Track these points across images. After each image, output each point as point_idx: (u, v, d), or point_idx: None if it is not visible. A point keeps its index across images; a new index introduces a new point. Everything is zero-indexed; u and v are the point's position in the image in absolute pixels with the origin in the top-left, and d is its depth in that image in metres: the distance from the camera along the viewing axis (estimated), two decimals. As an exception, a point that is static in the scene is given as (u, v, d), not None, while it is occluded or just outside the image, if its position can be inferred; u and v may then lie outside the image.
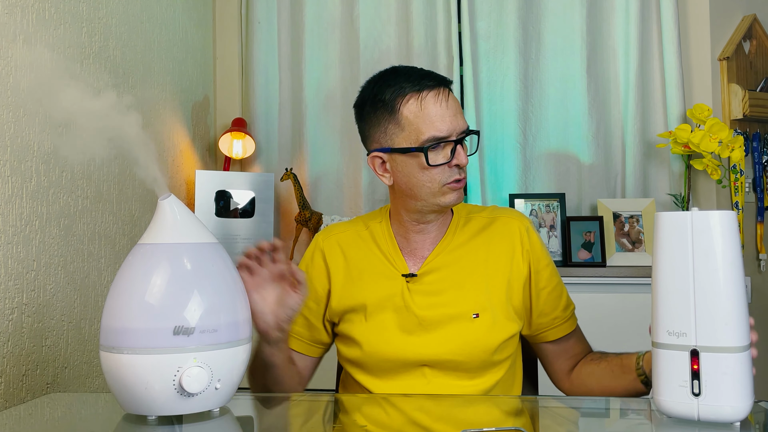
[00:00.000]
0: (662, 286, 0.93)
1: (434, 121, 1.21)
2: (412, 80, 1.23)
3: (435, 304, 1.27)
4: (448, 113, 1.22)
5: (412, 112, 1.22)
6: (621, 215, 2.39)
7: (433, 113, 1.21)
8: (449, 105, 1.23)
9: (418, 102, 1.22)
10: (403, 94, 1.22)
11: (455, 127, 1.22)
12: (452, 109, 1.23)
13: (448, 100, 1.23)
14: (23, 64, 1.51)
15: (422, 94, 1.22)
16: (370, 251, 1.33)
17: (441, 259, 1.30)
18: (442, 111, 1.22)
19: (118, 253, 1.90)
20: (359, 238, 1.35)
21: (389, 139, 1.24)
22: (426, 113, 1.21)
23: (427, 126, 1.21)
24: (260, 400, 1.23)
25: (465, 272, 1.29)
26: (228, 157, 2.60)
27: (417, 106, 1.22)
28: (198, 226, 1.02)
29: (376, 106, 1.25)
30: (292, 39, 2.66)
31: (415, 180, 1.23)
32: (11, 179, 1.47)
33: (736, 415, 0.90)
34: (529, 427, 0.98)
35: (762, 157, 2.57)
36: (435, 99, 1.22)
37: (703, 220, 0.91)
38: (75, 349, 1.69)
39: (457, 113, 1.24)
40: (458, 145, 1.22)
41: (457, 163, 1.22)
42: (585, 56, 2.50)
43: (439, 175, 1.22)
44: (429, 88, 1.22)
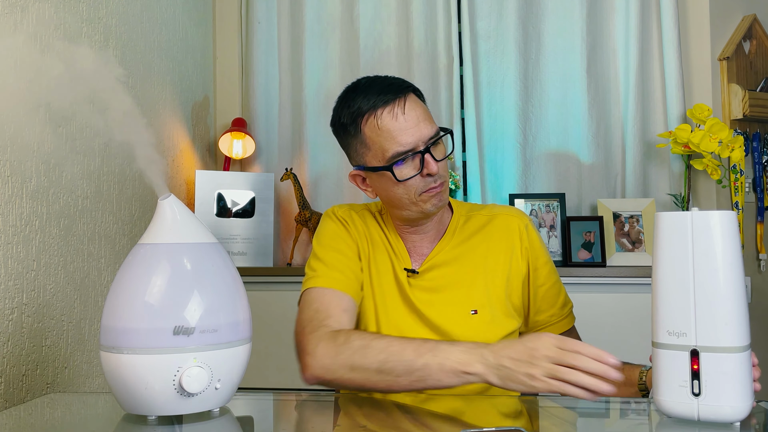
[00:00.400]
0: (662, 286, 0.94)
1: (395, 137, 1.19)
2: (369, 97, 1.21)
3: (434, 301, 1.29)
4: (407, 125, 1.19)
5: (373, 131, 1.21)
6: (621, 215, 2.39)
7: (393, 129, 1.19)
8: (407, 117, 1.20)
9: (374, 121, 1.20)
10: (361, 114, 1.21)
11: (419, 137, 1.20)
12: (411, 120, 1.20)
13: (405, 113, 1.20)
14: (23, 64, 1.51)
15: (377, 112, 1.20)
16: (380, 238, 1.34)
17: (441, 257, 1.32)
18: (401, 125, 1.19)
19: (118, 253, 1.90)
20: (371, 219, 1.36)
21: (360, 158, 1.26)
22: (385, 131, 1.20)
23: (389, 143, 1.19)
24: (260, 400, 1.23)
25: (464, 270, 1.30)
26: (228, 157, 2.60)
27: (375, 124, 1.20)
28: (198, 226, 1.03)
29: (341, 128, 1.27)
30: (292, 39, 2.66)
31: (393, 194, 1.25)
32: (11, 179, 1.47)
33: (736, 415, 0.90)
34: (529, 427, 0.98)
35: (762, 157, 2.57)
36: (391, 115, 1.20)
37: (703, 220, 0.91)
38: (75, 349, 1.69)
39: (420, 121, 1.21)
40: (426, 155, 1.20)
41: (428, 172, 1.21)
42: (585, 56, 2.50)
43: (414, 186, 1.22)
44: (383, 104, 1.20)
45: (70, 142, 1.69)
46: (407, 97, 1.22)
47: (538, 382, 0.99)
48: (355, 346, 1.09)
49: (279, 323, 2.26)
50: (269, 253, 2.48)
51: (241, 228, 2.47)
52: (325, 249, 1.30)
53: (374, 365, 1.07)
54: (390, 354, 1.07)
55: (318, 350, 1.12)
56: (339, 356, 1.10)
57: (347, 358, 1.09)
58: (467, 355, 1.04)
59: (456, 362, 1.04)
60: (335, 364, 1.10)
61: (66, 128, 1.68)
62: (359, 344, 1.09)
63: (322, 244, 1.32)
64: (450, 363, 1.04)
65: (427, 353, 1.05)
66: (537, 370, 0.99)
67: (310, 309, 1.21)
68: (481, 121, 2.56)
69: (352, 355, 1.09)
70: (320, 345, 1.12)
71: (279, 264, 2.61)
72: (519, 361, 1.01)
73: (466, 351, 1.05)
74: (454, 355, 1.04)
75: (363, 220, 1.35)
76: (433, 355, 1.05)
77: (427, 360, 1.05)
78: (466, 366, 1.03)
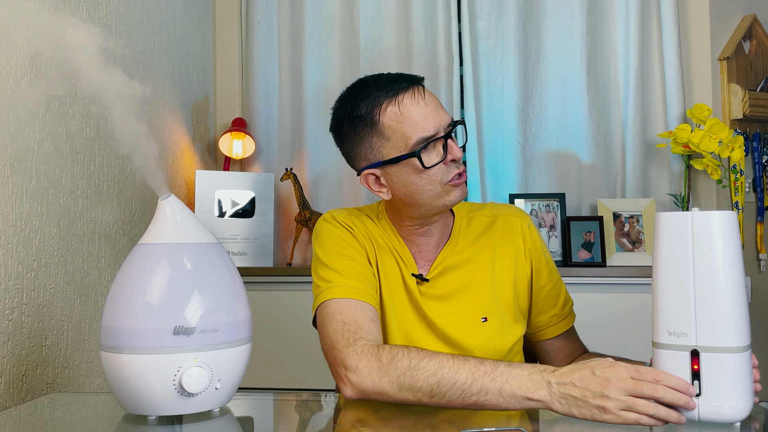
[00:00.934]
0: (662, 286, 0.93)
1: (418, 122, 1.16)
2: (384, 87, 1.19)
3: (445, 310, 1.26)
4: (429, 111, 1.17)
5: (393, 120, 1.17)
6: (621, 215, 2.39)
7: (415, 114, 1.17)
8: (428, 102, 1.18)
9: (396, 107, 1.17)
10: (379, 104, 1.18)
11: (440, 123, 1.18)
12: (432, 105, 1.18)
13: (425, 98, 1.18)
14: (23, 64, 1.51)
15: (398, 98, 1.17)
16: (385, 240, 1.29)
17: (450, 262, 1.28)
18: (423, 110, 1.17)
19: (118, 253, 1.90)
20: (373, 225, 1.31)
21: (377, 152, 1.20)
22: (408, 117, 1.17)
23: (413, 129, 1.16)
24: (260, 400, 1.23)
25: (472, 275, 1.28)
26: (228, 157, 2.60)
27: (396, 111, 1.17)
28: (198, 226, 1.02)
29: (354, 123, 1.21)
30: (292, 39, 2.66)
31: (415, 187, 1.19)
32: (11, 179, 1.47)
33: (737, 416, 0.90)
34: (529, 427, 0.98)
35: (762, 157, 2.57)
36: (412, 100, 1.17)
37: (704, 220, 0.91)
38: (75, 349, 1.68)
39: (438, 108, 1.19)
40: (448, 140, 1.18)
41: (453, 158, 1.18)
42: (585, 56, 2.50)
43: (439, 174, 1.18)
44: (403, 90, 1.18)
45: (70, 142, 1.69)
46: (423, 84, 1.21)
47: (610, 415, 0.93)
48: (403, 366, 1.04)
49: (279, 323, 2.26)
50: (269, 253, 2.48)
51: (241, 228, 2.47)
52: (334, 257, 1.23)
53: (426, 388, 1.02)
54: (443, 377, 1.01)
55: (361, 367, 1.06)
56: (386, 376, 1.04)
57: (396, 379, 1.04)
58: (529, 381, 0.99)
59: (517, 388, 0.99)
60: (382, 383, 1.04)
61: (66, 128, 1.68)
62: (407, 364, 1.04)
63: (328, 251, 1.24)
64: (510, 388, 0.99)
65: (484, 377, 1.01)
66: (611, 403, 0.93)
67: (336, 322, 1.14)
68: (481, 121, 2.56)
69: (401, 376, 1.03)
70: (363, 361, 1.06)
71: (279, 264, 2.61)
72: (589, 391, 0.95)
73: (527, 376, 1.00)
74: (515, 380, 0.99)
75: (364, 224, 1.29)
76: (491, 379, 1.00)
77: (485, 384, 1.00)
78: (529, 392, 0.98)
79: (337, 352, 1.09)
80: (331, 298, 1.17)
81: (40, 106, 1.56)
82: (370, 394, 1.05)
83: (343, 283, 1.19)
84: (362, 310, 1.16)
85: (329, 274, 1.21)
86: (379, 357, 1.06)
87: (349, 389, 1.06)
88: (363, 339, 1.10)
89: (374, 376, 1.04)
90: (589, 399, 0.95)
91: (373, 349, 1.07)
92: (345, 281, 1.19)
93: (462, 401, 1.01)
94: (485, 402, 1.00)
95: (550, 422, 1.00)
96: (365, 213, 1.33)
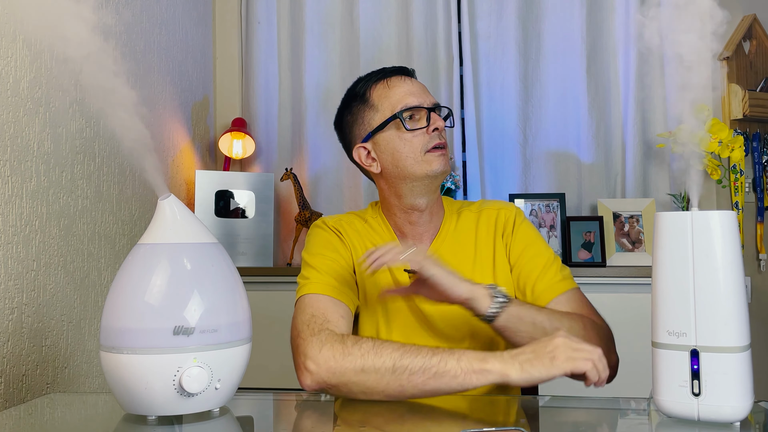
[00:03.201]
0: (662, 286, 0.94)
1: (403, 96, 1.29)
2: (378, 72, 1.33)
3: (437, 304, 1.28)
4: (414, 88, 1.30)
5: (381, 94, 1.30)
6: (621, 215, 2.39)
7: (401, 90, 1.29)
8: (414, 83, 1.31)
9: (385, 84, 1.31)
10: (371, 82, 1.32)
11: (425, 100, 1.29)
12: (418, 86, 1.31)
13: (413, 81, 1.32)
14: (23, 65, 1.51)
15: (387, 78, 1.32)
16: (374, 241, 1.33)
17: (438, 256, 1.30)
18: (409, 87, 1.30)
19: (118, 253, 1.90)
20: (362, 226, 1.36)
21: (367, 125, 1.31)
22: (394, 91, 1.30)
23: (398, 99, 1.28)
24: (260, 400, 1.23)
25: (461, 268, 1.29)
26: (228, 157, 2.60)
27: (385, 86, 1.31)
28: (198, 226, 1.02)
29: (351, 103, 1.34)
30: (292, 39, 2.66)
31: (398, 154, 1.27)
32: (11, 179, 1.47)
33: (736, 415, 0.90)
34: (529, 427, 0.98)
35: (762, 157, 2.57)
36: (400, 80, 1.31)
37: (703, 220, 0.91)
38: (75, 349, 1.69)
39: (425, 90, 1.32)
40: (432, 112, 1.28)
41: (435, 126, 1.27)
42: (585, 56, 2.50)
43: (419, 141, 1.26)
44: (393, 73, 1.32)
45: (70, 142, 1.69)
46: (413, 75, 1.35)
47: (559, 361, 1.00)
48: (367, 346, 1.07)
49: (279, 323, 2.26)
50: (269, 253, 2.48)
51: (241, 228, 2.47)
52: (316, 257, 1.28)
53: (388, 363, 1.05)
54: (405, 352, 1.05)
55: (322, 353, 1.08)
56: (347, 357, 1.06)
57: (357, 359, 1.06)
58: (484, 355, 1.03)
59: (473, 358, 1.03)
60: (342, 367, 1.06)
61: (66, 128, 1.68)
62: (371, 345, 1.07)
63: (312, 252, 1.30)
64: (467, 359, 1.03)
65: (442, 353, 1.05)
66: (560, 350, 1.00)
67: (305, 314, 1.18)
68: (481, 121, 2.56)
69: (364, 355, 1.06)
70: (325, 348, 1.08)
71: (279, 264, 2.61)
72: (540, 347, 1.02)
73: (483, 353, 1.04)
74: (472, 354, 1.04)
75: (354, 227, 1.34)
76: (449, 353, 1.04)
77: (443, 356, 1.04)
78: (484, 362, 1.02)
79: (301, 341, 1.12)
80: (306, 293, 1.22)
81: (40, 106, 1.56)
82: (330, 380, 1.07)
83: (319, 280, 1.23)
84: (334, 306, 1.20)
85: (309, 271, 1.26)
86: (344, 341, 1.09)
87: (308, 377, 1.08)
88: (328, 330, 1.12)
89: (334, 362, 1.06)
90: (540, 353, 1.01)
91: (338, 336, 1.11)
92: (321, 278, 1.24)
93: (423, 377, 1.03)
94: (444, 374, 1.02)
95: (550, 422, 1.00)
96: (358, 216, 1.39)
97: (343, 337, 1.11)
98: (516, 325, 1.14)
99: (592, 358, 1.00)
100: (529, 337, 1.13)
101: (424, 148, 1.26)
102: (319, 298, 1.21)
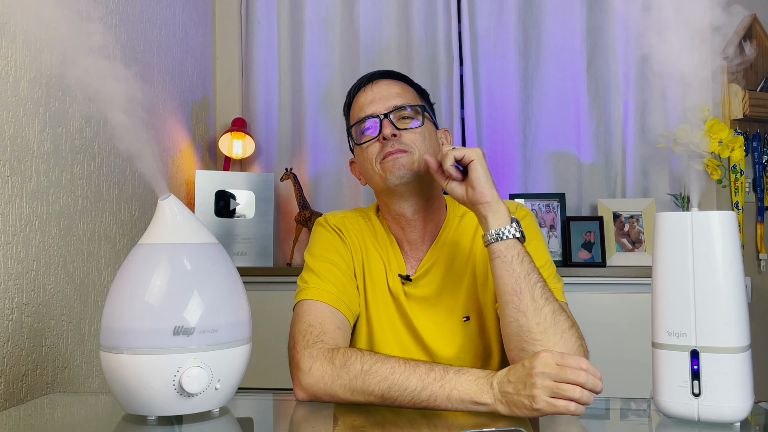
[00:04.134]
0: (662, 286, 0.93)
1: (360, 108, 1.29)
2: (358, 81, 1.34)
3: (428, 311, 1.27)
4: (375, 98, 1.28)
5: (353, 106, 1.33)
6: (621, 215, 2.39)
7: (360, 101, 1.30)
8: (375, 91, 1.29)
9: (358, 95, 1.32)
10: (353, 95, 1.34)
11: (378, 108, 1.27)
12: (380, 93, 1.29)
13: (374, 89, 1.30)
14: (23, 64, 1.51)
15: (360, 91, 1.32)
16: (376, 242, 1.33)
17: (434, 261, 1.29)
18: (368, 97, 1.29)
19: (118, 253, 1.90)
20: (366, 225, 1.35)
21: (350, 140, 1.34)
22: (357, 103, 1.31)
23: (355, 113, 1.30)
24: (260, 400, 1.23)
25: (455, 274, 1.28)
26: (228, 157, 2.60)
27: (356, 99, 1.32)
28: (198, 226, 1.02)
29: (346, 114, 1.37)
30: (292, 39, 2.66)
31: (363, 168, 1.30)
32: (11, 179, 1.47)
33: (736, 416, 0.90)
34: (529, 427, 0.98)
35: (762, 157, 2.57)
36: (365, 90, 1.31)
37: (704, 220, 0.91)
38: (75, 349, 1.69)
39: (392, 96, 1.27)
40: (384, 119, 1.25)
41: (383, 135, 1.24)
42: (585, 56, 2.50)
43: (372, 152, 1.26)
44: (366, 81, 1.32)
45: (70, 142, 1.69)
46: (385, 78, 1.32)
47: (541, 403, 0.94)
48: (355, 370, 1.06)
49: (279, 323, 2.26)
50: (269, 253, 2.48)
51: (241, 228, 2.47)
52: (317, 260, 1.28)
53: (377, 392, 1.05)
54: (393, 383, 1.04)
55: (314, 369, 1.09)
56: (338, 379, 1.07)
57: (347, 383, 1.06)
58: (476, 386, 1.01)
59: (464, 393, 1.01)
60: (333, 386, 1.08)
61: (66, 128, 1.67)
62: (359, 369, 1.06)
63: (314, 254, 1.29)
64: (458, 394, 1.01)
65: (433, 383, 1.02)
66: (538, 392, 0.95)
67: (303, 322, 1.18)
68: (481, 121, 2.56)
69: (352, 380, 1.06)
70: (316, 364, 1.09)
71: (279, 264, 2.61)
72: (519, 383, 0.97)
73: (474, 381, 1.02)
74: (462, 385, 1.01)
75: (356, 226, 1.34)
76: (440, 386, 1.02)
77: (434, 390, 1.02)
78: (475, 397, 1.00)
79: (295, 352, 1.14)
80: (305, 299, 1.22)
81: (40, 106, 1.56)
82: (322, 397, 1.09)
83: (319, 286, 1.23)
84: (331, 316, 1.20)
85: (309, 275, 1.26)
86: (333, 360, 1.09)
87: (300, 392, 1.11)
88: (323, 343, 1.13)
89: (326, 380, 1.08)
90: (520, 392, 0.96)
91: (328, 352, 1.11)
92: (321, 284, 1.23)
93: (412, 405, 1.04)
94: (435, 407, 1.03)
95: (550, 423, 1.00)
96: (362, 213, 1.38)
97: (334, 353, 1.10)
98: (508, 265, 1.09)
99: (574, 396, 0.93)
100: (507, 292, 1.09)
101: (377, 158, 1.25)
102: (317, 305, 1.20)
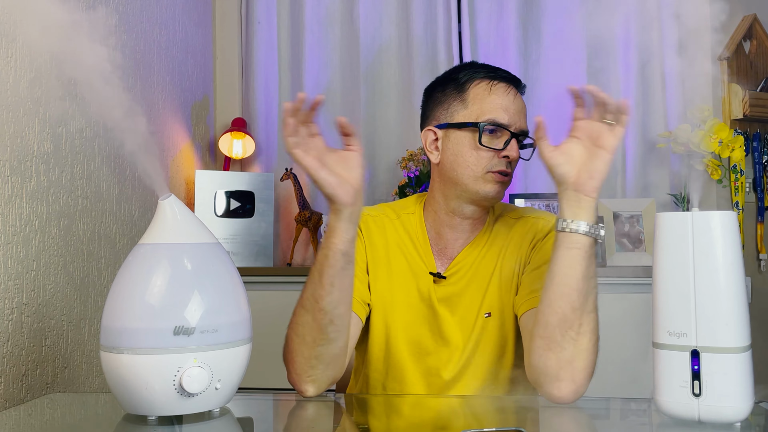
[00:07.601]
0: (662, 286, 0.93)
1: (498, 108, 1.23)
2: (488, 69, 1.27)
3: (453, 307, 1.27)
4: (512, 107, 1.24)
5: (479, 94, 1.24)
6: (621, 215, 2.39)
7: (499, 101, 1.24)
8: (515, 102, 1.25)
9: (488, 86, 1.24)
10: (477, 77, 1.25)
11: (516, 122, 1.24)
12: (517, 105, 1.25)
13: (515, 98, 1.25)
14: (23, 64, 1.51)
15: (494, 82, 1.25)
16: (401, 240, 1.30)
17: (467, 260, 1.28)
18: (508, 102, 1.24)
19: (118, 253, 1.90)
20: (390, 224, 1.32)
21: (450, 115, 1.26)
22: (492, 98, 1.24)
23: (490, 109, 1.23)
24: (260, 400, 1.23)
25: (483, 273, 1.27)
26: (228, 157, 2.60)
27: (486, 89, 1.24)
28: (198, 226, 1.02)
29: (447, 84, 1.28)
30: (292, 39, 2.66)
31: (462, 159, 1.23)
32: (11, 179, 1.47)
33: (737, 416, 0.90)
34: (529, 427, 0.98)
35: (762, 157, 2.57)
36: (505, 90, 1.25)
37: (704, 220, 0.91)
38: (75, 349, 1.68)
39: (522, 114, 1.26)
40: (513, 139, 1.23)
41: (507, 154, 1.22)
42: (585, 56, 2.50)
43: (486, 159, 1.22)
44: (502, 79, 1.25)
45: (69, 142, 1.69)
46: (521, 90, 1.28)
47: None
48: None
49: (279, 323, 2.26)
50: (269, 253, 2.48)
51: (241, 228, 2.47)
52: None
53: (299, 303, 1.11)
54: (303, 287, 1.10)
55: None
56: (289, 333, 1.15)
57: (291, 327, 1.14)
58: None
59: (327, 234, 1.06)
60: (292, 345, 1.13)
61: (66, 128, 1.67)
62: None
63: None
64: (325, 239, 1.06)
65: None
66: None
67: None
68: (481, 121, 2.56)
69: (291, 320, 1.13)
70: None
71: (279, 264, 2.61)
72: None
73: None
74: None
75: (379, 225, 1.31)
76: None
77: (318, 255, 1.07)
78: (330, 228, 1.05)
79: None
80: None
81: (40, 106, 1.56)
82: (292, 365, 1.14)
83: None
84: None
85: None
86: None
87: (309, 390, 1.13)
88: None
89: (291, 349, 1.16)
90: None
91: None
92: None
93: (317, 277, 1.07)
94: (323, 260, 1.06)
95: (550, 422, 1.00)
96: (393, 210, 1.34)
97: None
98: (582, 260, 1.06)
99: None
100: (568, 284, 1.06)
101: (488, 167, 1.23)
102: None
